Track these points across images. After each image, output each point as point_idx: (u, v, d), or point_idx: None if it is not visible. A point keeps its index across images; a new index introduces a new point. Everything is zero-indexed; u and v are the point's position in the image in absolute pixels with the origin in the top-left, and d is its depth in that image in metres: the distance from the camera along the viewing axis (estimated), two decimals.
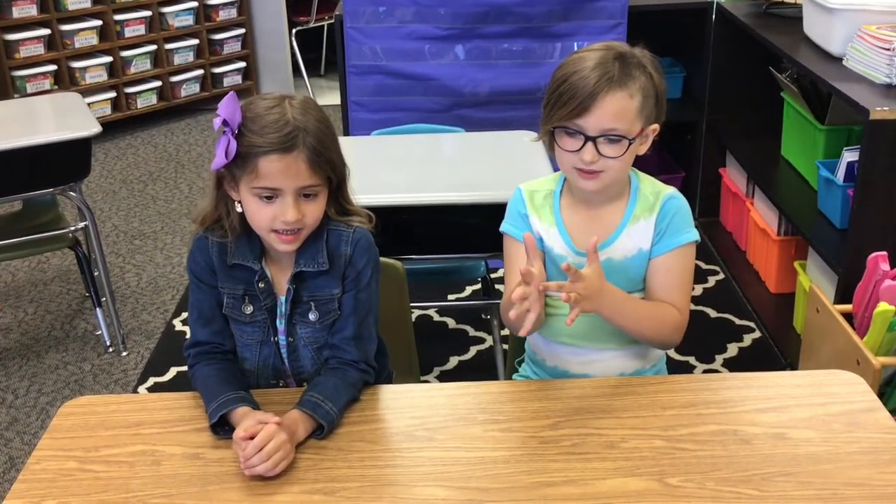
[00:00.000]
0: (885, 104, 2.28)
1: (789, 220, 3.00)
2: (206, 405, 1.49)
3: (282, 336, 1.61)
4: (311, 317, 1.58)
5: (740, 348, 2.98)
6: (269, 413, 1.43)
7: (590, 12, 3.14)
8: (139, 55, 5.05)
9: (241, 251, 1.56)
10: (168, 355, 3.04)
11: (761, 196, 3.23)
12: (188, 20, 5.21)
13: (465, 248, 2.44)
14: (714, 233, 3.68)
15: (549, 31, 3.16)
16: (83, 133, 2.79)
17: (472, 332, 3.13)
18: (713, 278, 3.40)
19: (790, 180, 3.10)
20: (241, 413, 1.45)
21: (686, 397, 1.52)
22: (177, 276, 3.58)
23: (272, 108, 1.46)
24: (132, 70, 5.06)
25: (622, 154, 1.53)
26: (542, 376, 1.74)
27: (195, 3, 5.19)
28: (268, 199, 1.47)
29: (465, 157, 2.65)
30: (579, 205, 1.65)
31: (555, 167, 1.72)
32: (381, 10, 3.14)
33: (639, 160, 1.61)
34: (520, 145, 2.59)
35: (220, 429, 1.46)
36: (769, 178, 3.17)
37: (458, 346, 3.05)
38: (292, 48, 5.59)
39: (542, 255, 1.61)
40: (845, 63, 2.59)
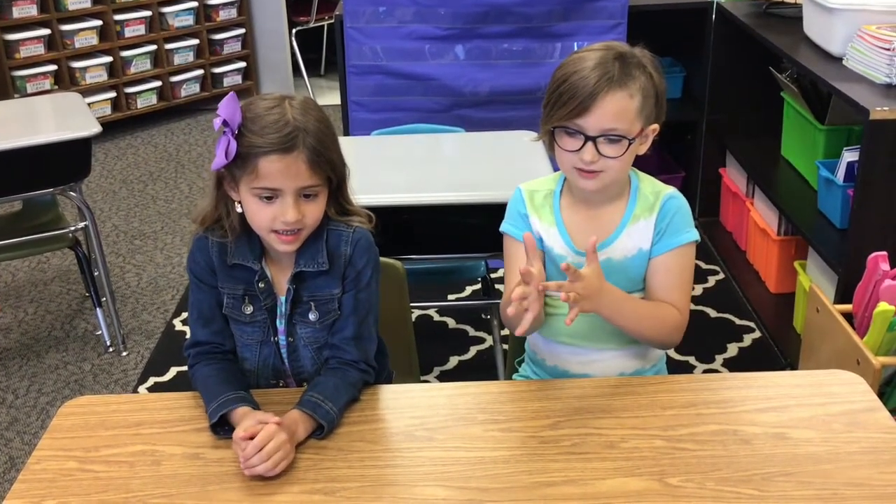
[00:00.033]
0: (885, 104, 2.28)
1: (789, 220, 3.00)
2: (206, 405, 1.49)
3: (282, 336, 1.61)
4: (311, 317, 1.58)
5: (740, 348, 2.98)
6: (269, 413, 1.43)
7: (590, 12, 3.14)
8: (139, 55, 5.05)
9: (241, 251, 1.56)
10: (168, 355, 3.04)
11: (761, 196, 3.23)
12: (188, 20, 5.21)
13: (465, 248, 2.44)
14: (714, 233, 3.68)
15: (549, 31, 3.16)
16: (83, 133, 2.78)
17: (472, 332, 3.13)
18: (713, 278, 3.40)
19: (790, 180, 3.10)
20: (241, 413, 1.45)
21: (686, 397, 1.52)
22: (177, 276, 3.58)
23: (272, 109, 1.46)
24: (132, 70, 5.06)
25: (622, 154, 1.53)
26: (542, 376, 1.74)
27: (195, 3, 5.19)
28: (268, 200, 1.47)
29: (465, 157, 2.65)
30: (579, 205, 1.65)
31: (555, 167, 1.72)
32: (381, 10, 3.14)
33: (639, 160, 1.61)
34: (520, 145, 2.59)
35: (220, 429, 1.46)
36: (769, 178, 3.17)
37: (458, 346, 3.05)
38: (292, 48, 5.59)
39: (542, 254, 1.61)
40: (845, 63, 2.59)
